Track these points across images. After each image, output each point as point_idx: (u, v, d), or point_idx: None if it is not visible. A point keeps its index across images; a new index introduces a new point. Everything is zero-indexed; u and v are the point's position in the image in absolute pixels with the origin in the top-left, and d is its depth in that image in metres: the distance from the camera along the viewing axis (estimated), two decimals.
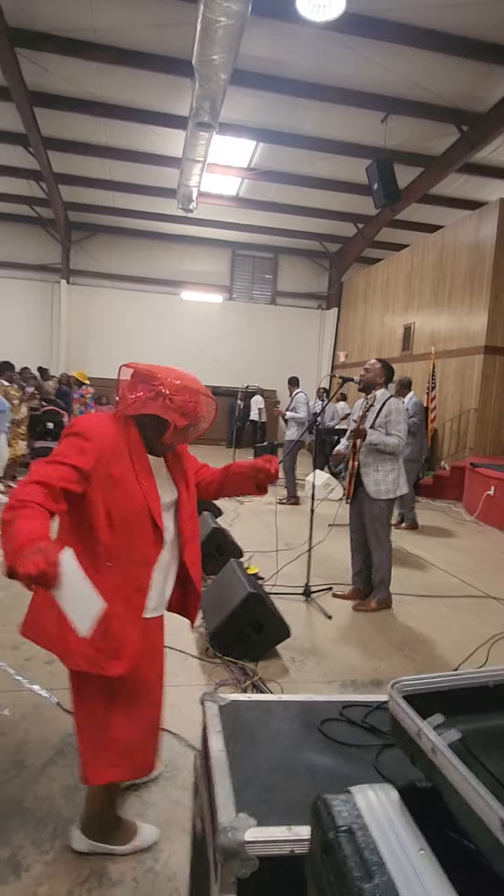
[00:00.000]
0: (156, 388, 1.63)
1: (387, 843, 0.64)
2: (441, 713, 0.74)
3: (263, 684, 2.92)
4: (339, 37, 6.57)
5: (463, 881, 0.59)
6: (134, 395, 1.65)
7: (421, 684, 0.79)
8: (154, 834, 1.89)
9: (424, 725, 0.71)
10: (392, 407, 3.95)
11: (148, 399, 1.63)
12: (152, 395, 1.62)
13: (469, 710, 0.77)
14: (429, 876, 0.59)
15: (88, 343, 14.69)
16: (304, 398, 7.78)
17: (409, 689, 0.79)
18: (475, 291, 9.48)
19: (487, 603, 4.44)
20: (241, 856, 0.96)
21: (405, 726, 0.75)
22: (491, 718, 0.77)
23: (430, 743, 0.68)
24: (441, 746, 0.66)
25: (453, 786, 0.62)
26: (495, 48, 6.75)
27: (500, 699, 0.80)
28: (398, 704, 0.77)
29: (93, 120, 9.06)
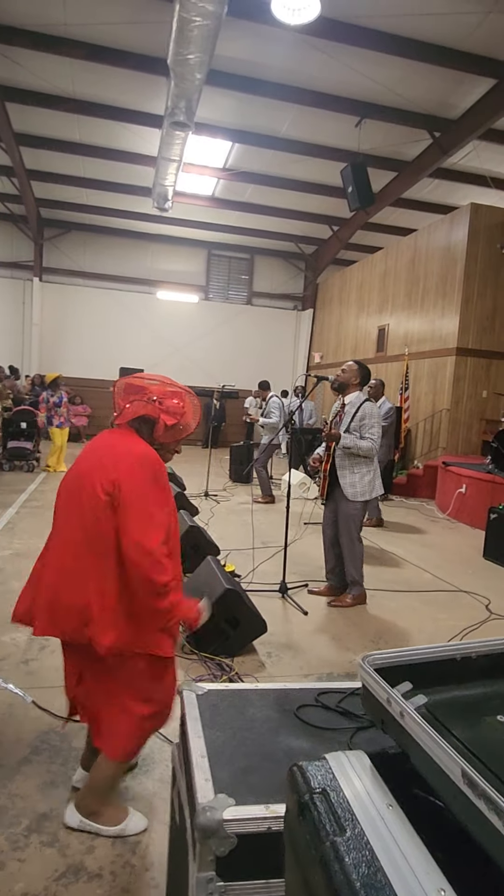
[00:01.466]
0: (146, 395, 1.84)
1: (358, 800, 0.67)
2: (409, 682, 0.77)
3: (240, 679, 2.95)
4: (314, 41, 6.65)
5: (428, 832, 0.63)
6: (127, 403, 1.85)
7: (391, 657, 0.83)
8: (141, 823, 1.93)
9: (394, 692, 0.75)
10: (366, 411, 3.99)
11: (140, 404, 1.84)
12: (144, 400, 1.84)
13: (437, 681, 0.81)
14: (396, 826, 0.63)
15: (62, 342, 14.53)
16: (278, 402, 7.80)
17: (380, 662, 0.82)
18: (447, 294, 9.67)
19: (459, 597, 4.54)
20: (220, 834, 0.98)
21: (376, 695, 0.78)
22: (457, 689, 0.81)
23: (399, 707, 0.72)
24: (409, 710, 0.70)
25: (420, 745, 0.66)
26: (466, 57, 6.91)
27: (465, 671, 0.84)
28: (370, 675, 0.80)
29: (66, 116, 8.98)
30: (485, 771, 0.61)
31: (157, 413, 1.83)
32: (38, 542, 5.17)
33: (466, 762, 0.58)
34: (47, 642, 3.24)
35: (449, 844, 0.60)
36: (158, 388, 1.87)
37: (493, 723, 0.74)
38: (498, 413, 9.14)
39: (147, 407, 1.83)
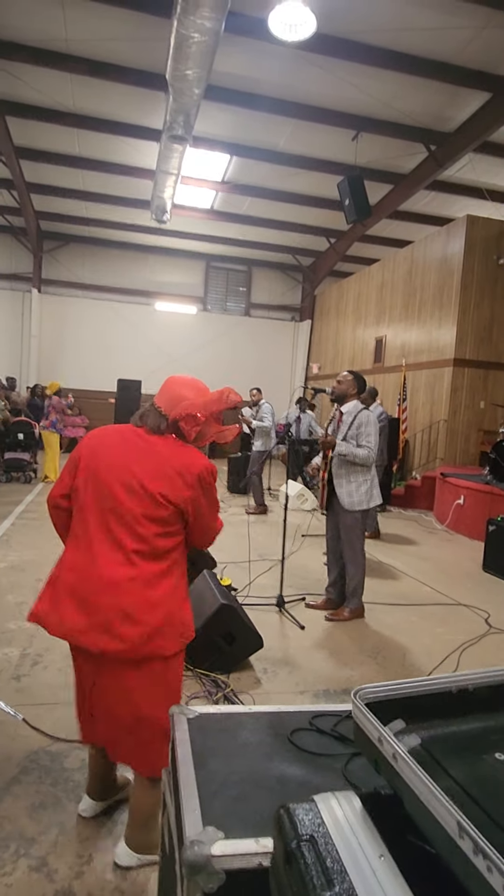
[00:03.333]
0: (200, 415, 1.83)
1: (349, 850, 0.63)
2: (402, 719, 0.74)
3: (235, 696, 2.90)
4: (311, 56, 6.71)
5: (422, 885, 0.59)
6: (190, 426, 1.83)
7: (383, 692, 0.80)
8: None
9: (385, 731, 0.71)
10: (363, 419, 3.98)
11: (204, 425, 1.85)
12: (203, 422, 1.84)
13: (432, 715, 0.78)
14: (388, 881, 0.59)
15: (60, 353, 14.54)
16: (270, 408, 7.78)
17: (371, 696, 0.79)
18: (444, 305, 9.70)
19: (458, 610, 4.50)
20: (208, 870, 0.94)
21: (367, 733, 0.75)
22: (453, 724, 0.77)
23: (391, 748, 0.69)
24: (401, 752, 0.67)
25: (413, 791, 0.63)
26: (461, 71, 6.97)
27: (462, 704, 0.81)
28: (361, 712, 0.77)
29: (66, 130, 9.05)
30: (483, 818, 0.58)
31: (220, 433, 1.93)
32: (33, 554, 5.14)
33: (463, 814, 0.55)
34: (40, 658, 3.19)
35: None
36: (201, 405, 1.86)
37: (493, 761, 0.71)
38: (496, 424, 9.13)
39: (212, 433, 1.91)
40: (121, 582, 1.70)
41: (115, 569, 1.71)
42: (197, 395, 1.85)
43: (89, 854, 1.88)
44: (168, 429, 1.82)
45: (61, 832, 1.96)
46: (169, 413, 1.82)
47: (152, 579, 1.73)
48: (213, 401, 1.87)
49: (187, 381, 1.91)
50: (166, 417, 1.82)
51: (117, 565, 1.72)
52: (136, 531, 1.72)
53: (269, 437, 7.64)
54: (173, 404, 1.82)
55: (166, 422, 1.82)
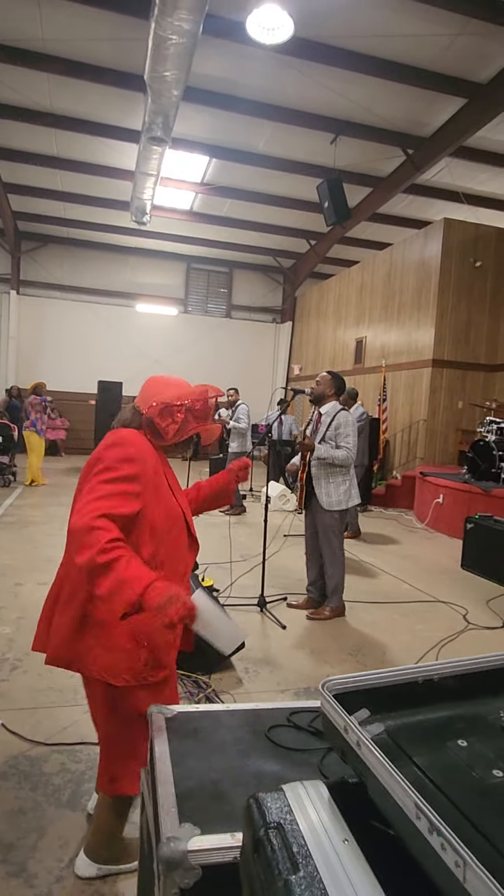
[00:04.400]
0: (178, 409, 1.72)
1: (314, 835, 0.65)
2: (367, 709, 0.76)
3: (217, 696, 2.91)
4: (289, 60, 6.76)
5: (384, 866, 0.61)
6: (166, 423, 1.71)
7: (351, 683, 0.81)
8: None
9: (350, 720, 0.73)
10: (341, 420, 4.01)
11: (183, 422, 1.74)
12: (182, 417, 1.73)
13: (399, 705, 0.80)
14: (351, 863, 0.61)
15: (39, 355, 14.39)
16: (246, 409, 7.74)
17: (339, 687, 0.81)
18: (423, 307, 9.83)
19: (437, 607, 4.56)
20: (184, 865, 0.95)
21: (334, 723, 0.77)
22: (419, 713, 0.80)
23: (355, 736, 0.71)
24: (365, 739, 0.69)
25: (374, 775, 0.65)
26: (437, 77, 7.08)
27: (428, 694, 0.83)
28: (328, 702, 0.79)
29: (42, 130, 8.97)
30: (444, 801, 0.60)
31: (201, 427, 1.80)
32: (10, 559, 5.08)
33: (420, 795, 0.57)
34: (19, 663, 3.16)
35: (404, 881, 0.59)
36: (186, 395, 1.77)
37: (455, 748, 0.73)
38: (473, 423, 9.27)
39: (193, 426, 1.78)
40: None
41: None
42: (171, 390, 1.78)
43: (69, 859, 1.87)
44: (141, 425, 1.74)
45: (40, 837, 1.95)
46: (142, 408, 1.75)
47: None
48: (192, 393, 1.78)
49: (170, 379, 1.83)
50: (140, 413, 1.75)
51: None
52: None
53: (244, 439, 7.61)
54: (146, 400, 1.77)
55: (140, 418, 1.74)
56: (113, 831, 1.80)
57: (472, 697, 0.84)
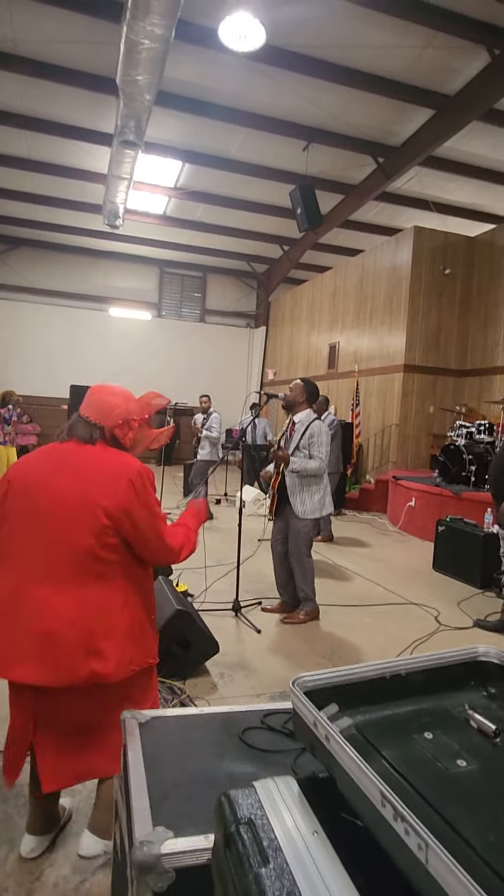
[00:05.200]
0: (133, 420, 1.84)
1: (284, 829, 0.66)
2: (336, 703, 0.78)
3: (192, 702, 2.90)
4: (261, 67, 6.82)
5: (353, 856, 0.63)
6: (124, 433, 1.82)
7: (321, 679, 0.83)
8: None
9: (319, 715, 0.75)
10: (315, 429, 4.02)
11: (138, 434, 1.87)
12: (136, 426, 1.85)
13: (367, 700, 0.82)
14: (320, 855, 0.62)
15: (10, 359, 14.14)
16: (219, 418, 7.69)
17: (310, 684, 0.82)
18: (394, 313, 9.99)
19: (409, 609, 4.62)
20: (157, 869, 0.95)
21: (304, 718, 0.78)
22: (387, 708, 0.81)
23: (324, 731, 0.72)
24: (333, 733, 0.70)
25: (343, 768, 0.66)
26: (406, 88, 7.23)
27: (395, 689, 0.85)
28: (299, 699, 0.80)
29: (12, 131, 8.85)
30: (409, 791, 0.62)
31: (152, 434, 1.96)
32: None
33: (386, 784, 0.59)
34: None
35: (371, 870, 0.60)
36: (134, 409, 1.86)
37: (421, 740, 0.75)
38: (444, 428, 9.44)
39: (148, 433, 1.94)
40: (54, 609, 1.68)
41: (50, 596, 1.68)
42: (125, 402, 1.84)
43: (41, 871, 1.84)
44: (102, 438, 1.79)
45: (11, 850, 1.91)
46: (101, 421, 1.79)
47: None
48: (142, 406, 1.89)
49: (113, 389, 1.89)
50: (99, 426, 1.78)
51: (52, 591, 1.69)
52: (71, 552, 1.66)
53: (215, 448, 7.58)
54: (104, 412, 1.80)
55: (100, 431, 1.78)
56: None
57: (437, 692, 0.87)
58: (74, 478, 1.69)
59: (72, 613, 1.62)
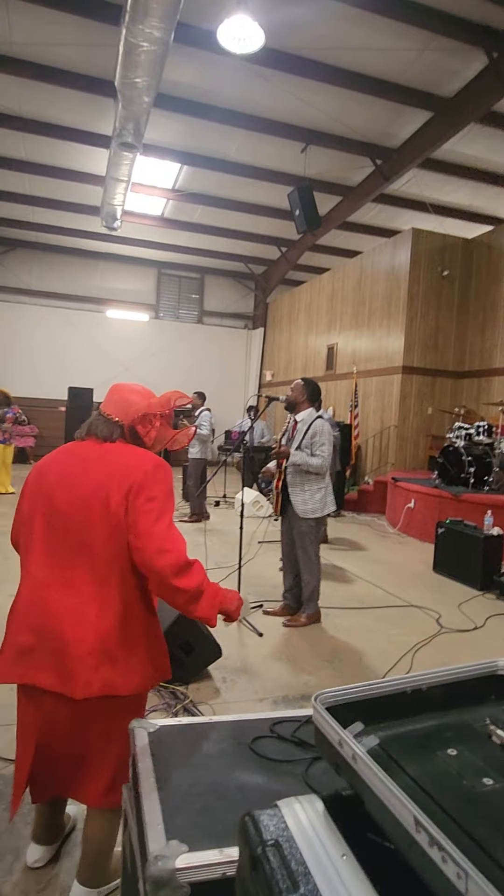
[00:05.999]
0: (155, 416, 1.80)
1: (312, 851, 0.65)
2: (361, 721, 0.77)
3: (195, 707, 2.89)
4: (260, 69, 6.82)
5: (384, 880, 0.62)
6: (147, 430, 1.78)
7: (342, 695, 0.82)
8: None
9: (345, 734, 0.74)
10: (317, 428, 4.03)
11: (160, 429, 1.82)
12: (159, 423, 1.81)
13: (389, 716, 0.81)
14: (351, 879, 0.61)
15: (8, 361, 14.09)
16: (208, 415, 7.65)
17: (331, 700, 0.82)
18: (392, 314, 10.00)
19: (410, 612, 4.62)
20: (172, 884, 0.94)
21: (328, 737, 0.77)
22: (409, 723, 0.81)
23: (350, 750, 0.71)
24: (360, 753, 0.69)
25: (371, 790, 0.65)
26: (404, 90, 7.24)
27: (416, 704, 0.85)
28: (321, 716, 0.79)
29: (10, 134, 8.83)
30: (437, 812, 0.61)
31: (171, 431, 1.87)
32: None
33: (419, 808, 0.58)
34: None
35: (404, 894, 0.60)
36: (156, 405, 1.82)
37: (445, 757, 0.74)
38: (443, 429, 9.45)
39: (169, 431, 1.86)
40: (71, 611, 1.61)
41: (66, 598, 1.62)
42: (145, 399, 1.81)
43: (46, 880, 1.83)
44: (122, 435, 1.76)
45: (16, 859, 1.90)
46: (121, 419, 1.75)
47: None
48: (163, 403, 1.82)
49: (133, 386, 1.87)
50: (119, 424, 1.75)
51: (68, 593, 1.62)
52: (92, 554, 1.60)
53: (205, 446, 7.57)
54: (124, 409, 1.76)
55: (120, 428, 1.75)
56: (111, 848, 1.73)
57: (458, 706, 0.86)
58: (94, 476, 1.64)
59: (89, 622, 1.57)
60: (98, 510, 1.60)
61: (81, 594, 1.60)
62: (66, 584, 1.61)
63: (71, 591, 1.60)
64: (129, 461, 1.66)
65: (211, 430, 7.61)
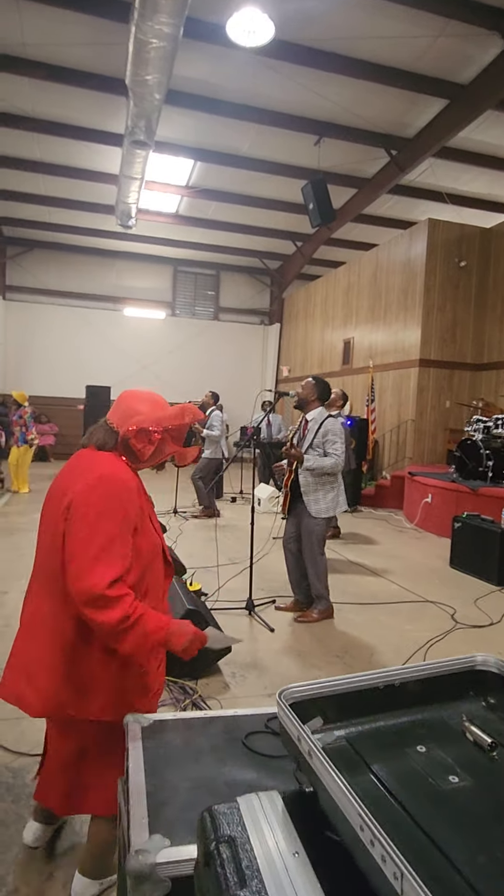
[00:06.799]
0: (155, 432, 1.66)
1: (265, 849, 0.64)
2: (330, 716, 0.75)
3: (203, 702, 2.89)
4: (270, 62, 6.77)
5: (335, 879, 0.60)
6: (142, 445, 1.65)
7: (309, 690, 0.81)
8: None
9: (303, 729, 0.72)
10: (329, 427, 3.98)
11: (160, 444, 1.69)
12: (159, 438, 1.67)
13: (360, 712, 0.79)
14: (300, 878, 0.60)
15: (27, 361, 14.31)
16: (220, 416, 7.61)
17: (298, 695, 0.80)
18: (409, 307, 9.87)
19: (426, 608, 4.56)
20: (153, 878, 0.94)
21: (290, 732, 0.76)
22: (382, 719, 0.79)
23: (307, 746, 0.70)
24: (315, 749, 0.68)
25: (324, 786, 0.64)
26: (418, 78, 7.12)
27: (389, 700, 0.83)
28: (284, 711, 0.78)
29: (25, 135, 8.93)
30: (396, 809, 0.59)
31: (175, 447, 1.75)
32: None
33: (369, 805, 0.56)
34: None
35: (352, 893, 0.58)
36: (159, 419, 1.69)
37: (413, 754, 0.72)
38: (461, 422, 9.31)
39: (170, 447, 1.73)
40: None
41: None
42: (153, 410, 1.69)
43: (50, 872, 1.85)
44: (117, 446, 1.67)
45: (22, 850, 1.92)
46: (119, 428, 1.66)
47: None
48: (171, 416, 1.70)
49: (144, 395, 1.74)
50: (116, 433, 1.67)
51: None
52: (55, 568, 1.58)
53: (217, 446, 7.55)
54: (125, 419, 1.67)
55: (115, 438, 1.66)
56: (113, 840, 1.73)
57: (434, 702, 0.84)
58: (60, 489, 1.62)
59: (49, 638, 1.57)
60: (56, 523, 1.58)
61: (42, 611, 1.62)
62: (36, 601, 1.65)
63: (39, 607, 1.64)
64: (80, 473, 1.59)
65: (223, 429, 7.59)
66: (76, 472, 1.63)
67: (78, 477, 1.59)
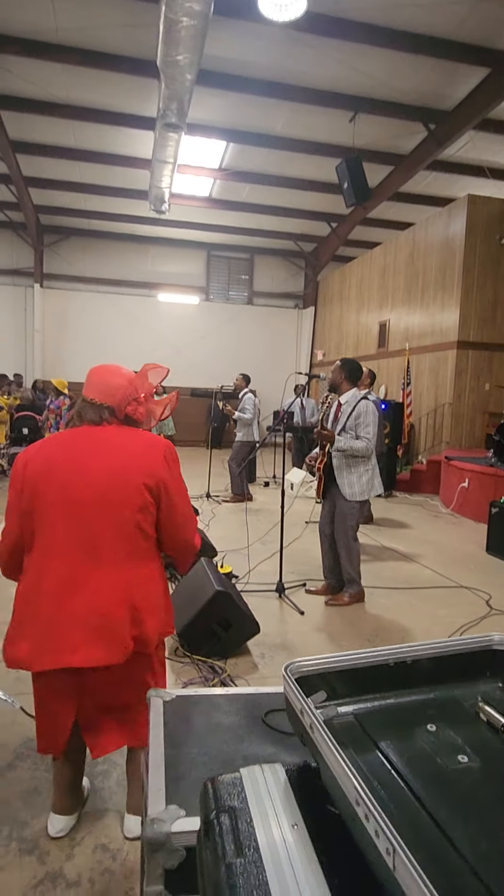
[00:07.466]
0: (139, 398, 1.86)
1: (264, 819, 0.64)
2: (341, 691, 0.74)
3: (231, 681, 2.92)
4: (303, 37, 6.61)
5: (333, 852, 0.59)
6: (136, 410, 1.85)
7: (317, 664, 0.79)
8: None
9: (306, 703, 0.71)
10: (362, 409, 3.92)
11: (149, 404, 1.91)
12: (144, 401, 1.88)
13: (371, 689, 0.78)
14: (297, 850, 0.59)
15: (64, 347, 14.57)
16: (251, 399, 7.54)
17: (305, 669, 0.79)
18: (447, 287, 9.58)
19: (460, 593, 4.49)
20: (168, 847, 0.95)
21: (293, 705, 0.75)
22: (394, 697, 0.77)
23: (309, 719, 0.69)
24: (317, 722, 0.67)
25: (325, 760, 0.63)
26: (458, 46, 6.83)
27: (401, 677, 0.81)
28: (289, 685, 0.77)
29: (60, 122, 9.00)
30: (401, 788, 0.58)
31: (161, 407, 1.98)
32: None
33: (368, 781, 0.55)
34: None
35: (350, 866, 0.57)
36: (143, 387, 1.90)
37: (422, 733, 0.71)
38: (501, 406, 9.04)
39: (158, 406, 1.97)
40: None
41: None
42: (128, 381, 1.85)
43: (80, 837, 1.91)
44: (112, 418, 1.82)
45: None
46: (107, 402, 1.80)
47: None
48: (142, 379, 1.91)
49: (111, 368, 1.89)
50: (107, 407, 1.80)
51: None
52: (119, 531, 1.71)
53: (250, 429, 7.51)
54: (109, 393, 1.81)
55: (108, 410, 1.80)
56: None
57: (449, 681, 0.81)
58: (110, 458, 1.73)
59: (122, 592, 1.69)
60: (122, 490, 1.71)
61: (113, 570, 1.71)
62: (97, 563, 1.69)
63: (102, 568, 1.69)
64: (140, 447, 1.78)
65: (255, 412, 7.55)
66: (110, 447, 1.76)
67: (129, 450, 1.76)
